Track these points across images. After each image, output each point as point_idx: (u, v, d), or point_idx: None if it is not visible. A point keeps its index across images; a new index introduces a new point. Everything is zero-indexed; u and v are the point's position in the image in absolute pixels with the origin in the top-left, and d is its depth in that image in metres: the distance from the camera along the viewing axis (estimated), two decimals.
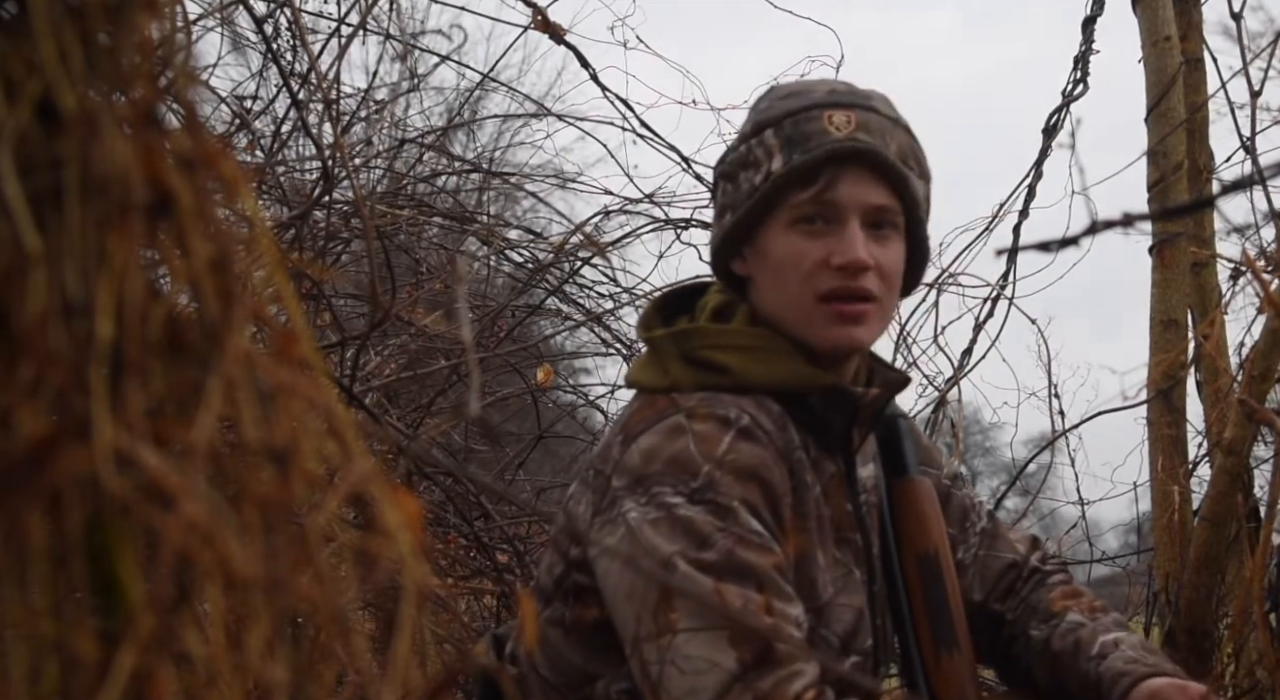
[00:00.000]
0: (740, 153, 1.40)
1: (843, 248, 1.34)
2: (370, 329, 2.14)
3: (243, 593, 0.51)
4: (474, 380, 1.26)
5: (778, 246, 1.37)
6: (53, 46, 0.52)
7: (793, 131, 1.36)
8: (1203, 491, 2.19)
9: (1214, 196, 1.48)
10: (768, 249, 1.38)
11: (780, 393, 1.36)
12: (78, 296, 0.51)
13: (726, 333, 1.39)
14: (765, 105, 1.42)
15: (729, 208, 1.41)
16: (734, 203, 1.40)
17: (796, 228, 1.36)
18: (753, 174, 1.37)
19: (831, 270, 1.35)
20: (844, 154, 1.34)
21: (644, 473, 1.27)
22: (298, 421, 0.54)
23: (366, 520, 0.54)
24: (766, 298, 1.40)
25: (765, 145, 1.37)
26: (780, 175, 1.35)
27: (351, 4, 2.43)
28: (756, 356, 1.36)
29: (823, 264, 1.35)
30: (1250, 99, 2.16)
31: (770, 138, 1.37)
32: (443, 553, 2.86)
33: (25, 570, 0.50)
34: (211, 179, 0.55)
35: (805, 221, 1.36)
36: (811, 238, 1.35)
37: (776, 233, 1.37)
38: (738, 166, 1.40)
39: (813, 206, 1.35)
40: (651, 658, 1.22)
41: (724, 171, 1.43)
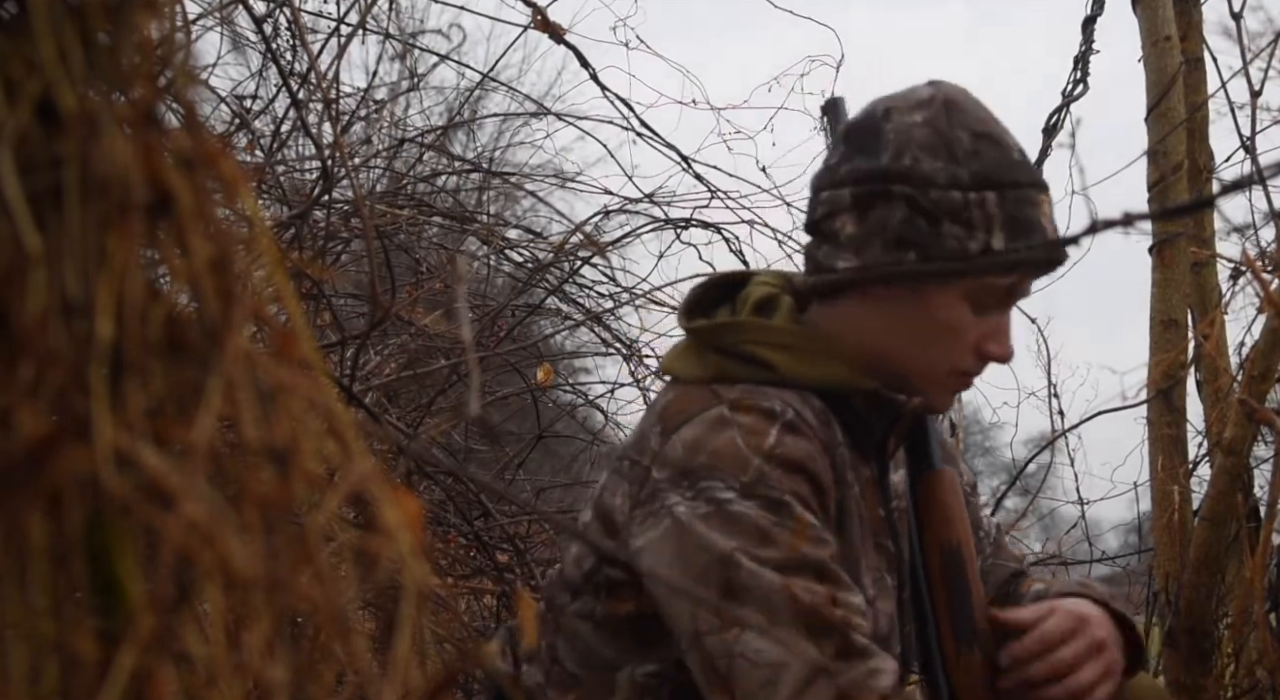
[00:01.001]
0: (952, 200, 1.30)
1: (1003, 341, 1.37)
2: (370, 329, 2.14)
3: (243, 593, 0.51)
4: (474, 380, 1.26)
5: (946, 311, 1.34)
6: (53, 46, 0.52)
7: (1016, 212, 1.31)
8: (1203, 491, 2.19)
9: (1214, 196, 1.48)
10: (933, 307, 1.34)
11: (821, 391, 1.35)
12: (78, 296, 0.51)
13: (771, 330, 1.37)
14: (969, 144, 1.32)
15: (918, 248, 1.31)
16: (928, 249, 1.31)
17: (969, 301, 1.34)
18: (965, 235, 1.30)
19: (978, 355, 1.36)
20: (1055, 262, 1.36)
21: (689, 466, 1.26)
22: (298, 421, 0.54)
23: (366, 520, 0.54)
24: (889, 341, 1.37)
25: (987, 213, 1.30)
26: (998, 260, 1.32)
27: (351, 4, 2.43)
28: (800, 356, 1.35)
29: (975, 346, 1.36)
30: (1250, 99, 2.16)
31: (994, 206, 1.30)
32: (443, 552, 2.86)
33: (25, 570, 0.50)
34: (211, 179, 0.55)
35: (982, 299, 1.34)
36: (975, 315, 1.35)
37: (951, 297, 1.34)
38: (945, 213, 1.30)
39: (999, 292, 1.35)
40: (718, 651, 1.21)
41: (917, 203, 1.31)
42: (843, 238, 1.35)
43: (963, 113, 1.35)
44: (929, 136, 1.32)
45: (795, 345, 1.36)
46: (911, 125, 1.34)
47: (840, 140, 1.41)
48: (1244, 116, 2.18)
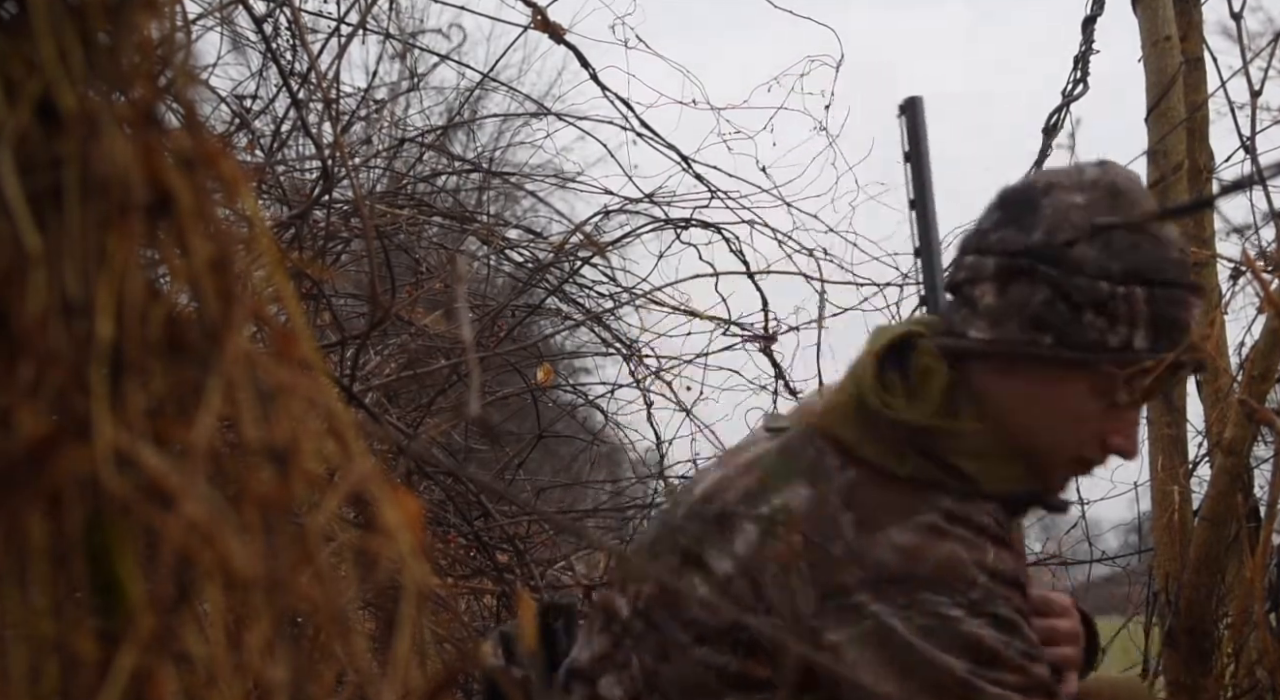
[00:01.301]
0: (1099, 289, 1.28)
1: (1130, 438, 1.36)
2: (370, 329, 2.14)
3: (243, 593, 0.51)
4: (474, 380, 1.26)
5: (1073, 399, 1.33)
6: (53, 46, 0.52)
7: (1164, 312, 1.29)
8: (1203, 491, 2.19)
9: (1214, 197, 1.48)
10: (1063, 394, 1.33)
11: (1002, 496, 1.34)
12: (78, 296, 0.51)
13: (970, 438, 1.33)
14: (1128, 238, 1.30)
15: (1056, 334, 1.30)
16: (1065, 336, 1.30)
17: (1100, 392, 1.32)
18: (1106, 329, 1.29)
19: (1103, 447, 1.35)
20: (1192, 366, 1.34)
21: (905, 574, 1.23)
22: (298, 421, 0.54)
23: (366, 520, 0.54)
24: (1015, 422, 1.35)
25: (1133, 308, 1.28)
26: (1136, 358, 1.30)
27: (351, 3, 2.43)
28: (995, 465, 1.33)
29: (1099, 437, 1.35)
30: (1250, 99, 2.16)
31: (1141, 302, 1.28)
32: (443, 552, 2.86)
33: (25, 570, 0.50)
34: (211, 179, 0.55)
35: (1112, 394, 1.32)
36: (1105, 409, 1.33)
37: (1084, 388, 1.32)
38: (1089, 302, 1.28)
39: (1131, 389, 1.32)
40: None
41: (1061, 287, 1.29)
42: (980, 306, 1.34)
43: (1127, 203, 1.32)
44: (1086, 221, 1.29)
45: (989, 453, 1.33)
46: (1070, 206, 1.31)
47: (995, 206, 1.39)
48: (1244, 116, 2.18)
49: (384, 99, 3.91)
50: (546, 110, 3.60)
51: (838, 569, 1.25)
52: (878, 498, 1.28)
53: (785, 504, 1.30)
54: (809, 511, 1.29)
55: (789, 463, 1.34)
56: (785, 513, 1.29)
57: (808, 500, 1.30)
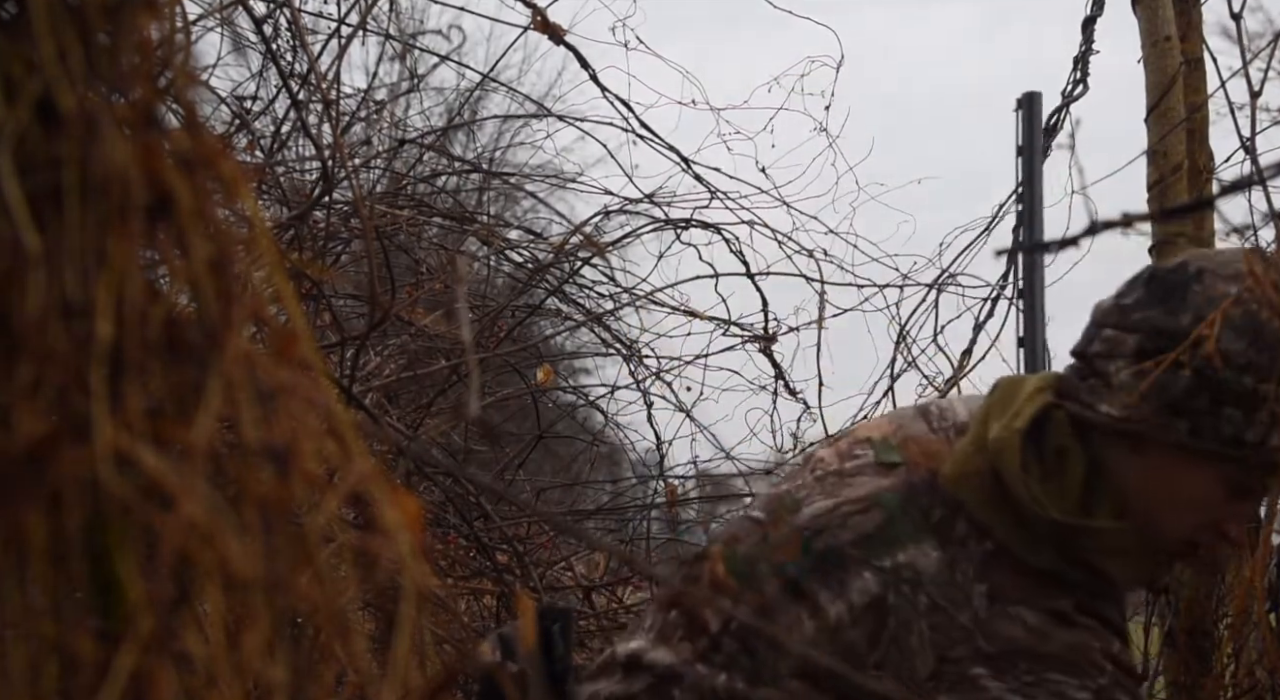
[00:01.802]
0: (1243, 384, 1.25)
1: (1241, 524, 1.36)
2: (370, 329, 2.14)
3: (243, 593, 0.51)
4: (474, 380, 1.26)
5: (1201, 488, 1.32)
6: (52, 46, 0.52)
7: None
8: None
9: (1214, 197, 1.48)
10: (1191, 480, 1.32)
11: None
12: (78, 296, 0.51)
13: (1113, 535, 1.33)
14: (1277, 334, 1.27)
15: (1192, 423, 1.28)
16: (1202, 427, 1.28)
17: (1227, 485, 1.31)
18: (1244, 424, 1.26)
19: (1216, 531, 1.35)
20: None
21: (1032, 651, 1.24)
22: (297, 422, 0.54)
23: (366, 520, 0.54)
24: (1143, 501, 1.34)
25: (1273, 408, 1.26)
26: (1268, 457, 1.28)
27: (351, 4, 2.44)
28: (1128, 563, 1.34)
29: (1217, 523, 1.34)
30: (1250, 99, 2.16)
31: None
32: (442, 553, 2.86)
33: (25, 570, 0.50)
34: (211, 179, 0.55)
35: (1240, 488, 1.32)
36: (1227, 499, 1.32)
37: (1212, 477, 1.31)
38: (1231, 398, 1.26)
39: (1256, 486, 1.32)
40: None
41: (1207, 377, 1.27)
42: (1115, 382, 1.32)
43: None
44: (1239, 314, 1.27)
45: (1129, 550, 1.34)
46: (1223, 295, 1.29)
47: (1142, 283, 1.36)
48: (1244, 117, 2.18)
49: (384, 100, 3.91)
50: (546, 111, 3.61)
51: (963, 638, 1.25)
52: (1012, 578, 1.28)
53: (912, 562, 1.29)
54: (937, 574, 1.28)
55: (915, 517, 1.32)
56: (912, 571, 1.28)
57: (937, 563, 1.28)
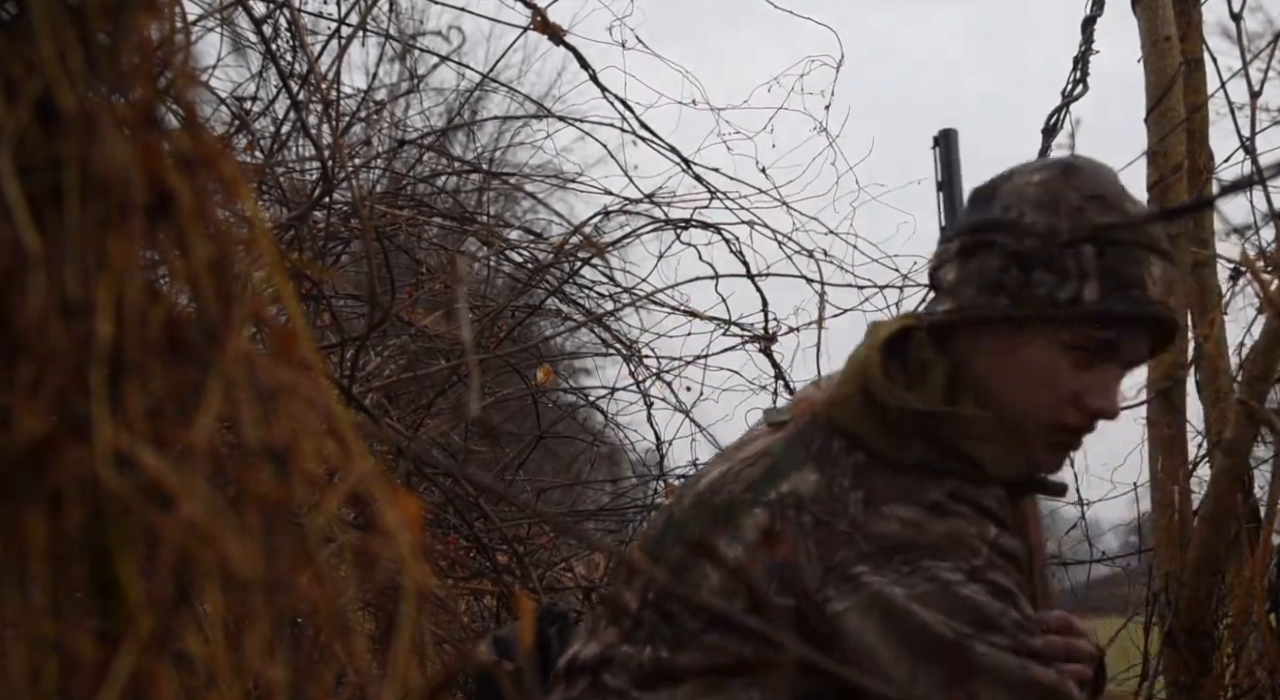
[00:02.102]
0: (1048, 251, 1.33)
1: (1105, 395, 1.36)
2: (369, 329, 2.14)
3: (243, 593, 0.51)
4: (474, 381, 1.26)
5: (1039, 360, 1.35)
6: (52, 46, 0.52)
7: (1114, 266, 1.33)
8: (1203, 491, 2.19)
9: (1214, 197, 1.48)
10: (1026, 355, 1.36)
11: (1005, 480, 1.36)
12: (78, 296, 0.51)
13: (975, 422, 1.36)
14: (1077, 200, 1.35)
15: (1010, 295, 1.35)
16: (1019, 296, 1.34)
17: (1065, 352, 1.35)
18: (1056, 285, 1.33)
19: (1079, 408, 1.36)
20: (1152, 320, 1.35)
21: (908, 543, 1.26)
22: (298, 421, 0.54)
23: (366, 521, 0.54)
24: (995, 388, 1.37)
25: (1081, 264, 1.32)
26: (1086, 312, 1.33)
27: (351, 4, 2.44)
28: (998, 449, 1.35)
29: (1076, 398, 1.36)
30: (1250, 99, 2.16)
31: (1090, 259, 1.32)
32: (442, 553, 2.86)
33: (25, 570, 0.50)
34: (211, 179, 0.55)
35: (1077, 350, 1.35)
36: (1074, 368, 1.35)
37: (1042, 344, 1.35)
38: (1039, 262, 1.33)
39: (1096, 344, 1.35)
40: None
41: (1013, 252, 1.35)
42: (945, 285, 1.40)
43: (1081, 177, 1.37)
44: (1039, 194, 1.36)
45: (991, 437, 1.35)
46: (1027, 184, 1.37)
47: (967, 203, 1.45)
48: (1244, 117, 2.18)
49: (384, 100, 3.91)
50: (546, 111, 3.60)
51: (844, 543, 1.27)
52: (885, 480, 1.30)
53: (794, 489, 1.32)
54: (817, 495, 1.31)
55: (796, 450, 1.37)
56: (795, 496, 1.32)
57: (815, 484, 1.32)
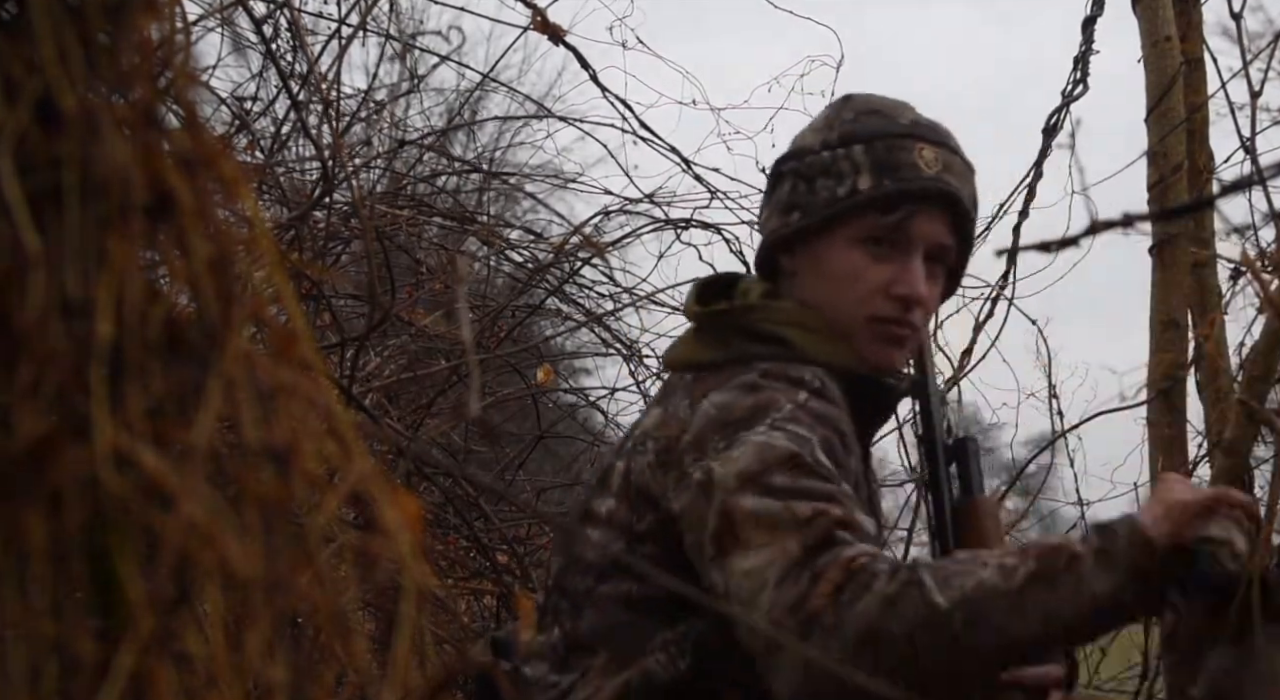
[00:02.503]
0: (822, 159, 1.42)
1: (907, 280, 1.40)
2: (369, 329, 2.14)
3: (243, 593, 0.51)
4: (474, 381, 1.27)
5: (840, 259, 1.41)
6: (53, 46, 0.52)
7: (885, 155, 1.40)
8: None
9: (1214, 196, 1.48)
10: (828, 258, 1.42)
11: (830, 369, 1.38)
12: (78, 296, 0.51)
13: (786, 310, 1.43)
14: (850, 117, 1.45)
15: (799, 208, 1.43)
16: (807, 205, 1.42)
17: (863, 246, 1.41)
18: (835, 185, 1.40)
19: (887, 297, 1.40)
20: (931, 193, 1.41)
21: (721, 422, 1.28)
22: (298, 421, 0.54)
23: (366, 520, 0.54)
24: (813, 298, 1.43)
25: (853, 160, 1.40)
26: (866, 196, 1.39)
27: (351, 4, 2.44)
28: (815, 336, 1.40)
29: (881, 289, 1.40)
30: (1250, 99, 2.16)
31: (860, 154, 1.40)
32: (442, 553, 2.86)
33: (25, 570, 0.50)
34: (211, 179, 0.55)
35: (873, 243, 1.41)
36: (875, 260, 1.41)
37: (841, 245, 1.41)
38: (818, 171, 1.42)
39: (886, 232, 1.40)
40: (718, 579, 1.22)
41: (797, 171, 1.44)
42: (759, 228, 1.51)
43: (856, 100, 1.48)
44: (819, 122, 1.48)
45: (808, 324, 1.41)
46: (812, 120, 1.50)
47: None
48: (1244, 117, 2.18)
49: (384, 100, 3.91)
50: (547, 111, 3.60)
51: (678, 448, 1.31)
52: (706, 383, 1.36)
53: (642, 430, 1.39)
54: (658, 423, 1.37)
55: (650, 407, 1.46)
56: (641, 433, 1.39)
57: (658, 416, 1.38)
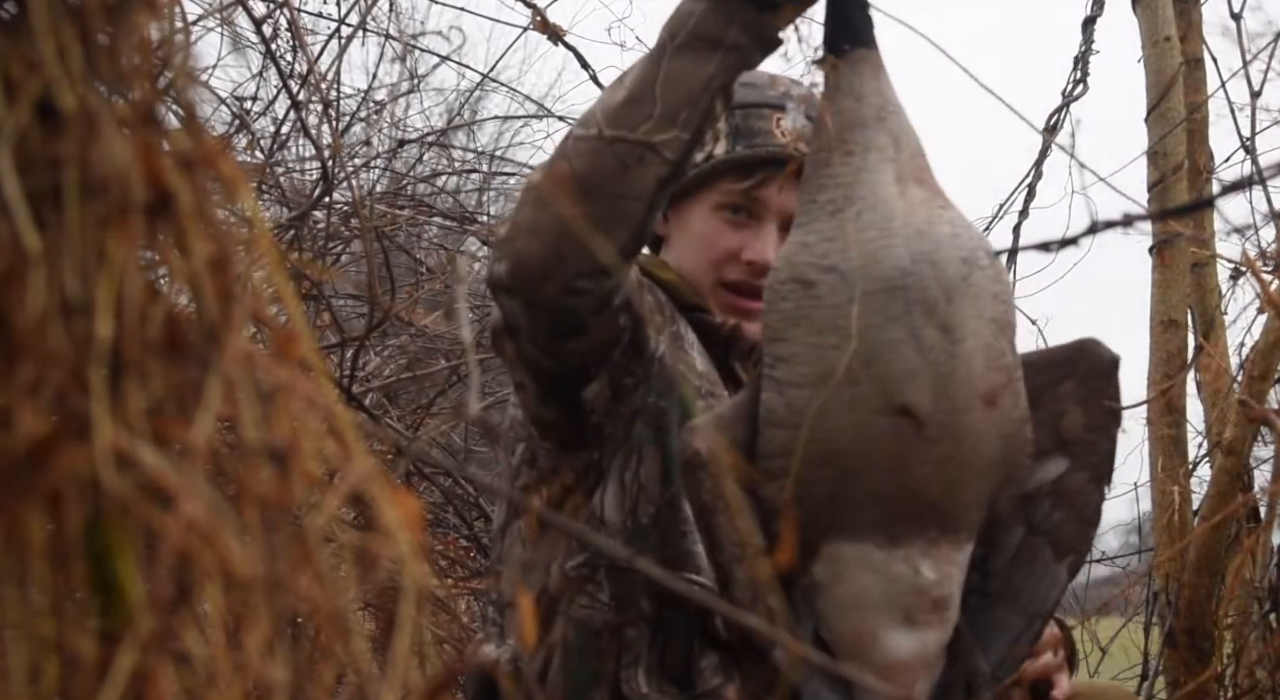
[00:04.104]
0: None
1: (757, 247, 1.45)
2: (369, 329, 2.14)
3: (243, 593, 0.51)
4: (474, 381, 1.28)
5: (698, 224, 1.47)
6: (52, 46, 0.52)
7: (741, 123, 1.45)
8: (1203, 491, 2.19)
9: (1214, 197, 1.48)
10: (689, 221, 1.48)
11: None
12: (78, 296, 0.51)
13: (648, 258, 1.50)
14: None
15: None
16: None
17: (720, 213, 1.46)
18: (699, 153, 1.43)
19: (740, 263, 1.46)
20: (781, 160, 1.43)
21: None
22: (298, 421, 0.54)
23: (366, 520, 0.54)
24: (677, 261, 1.49)
25: (716, 129, 1.43)
26: (720, 161, 1.45)
27: (351, 4, 2.44)
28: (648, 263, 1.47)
29: (734, 254, 1.46)
30: (1250, 99, 2.16)
31: (721, 124, 1.43)
32: (442, 553, 2.86)
33: (25, 570, 0.50)
34: (211, 179, 0.55)
35: (729, 210, 1.46)
36: (731, 227, 1.47)
37: (701, 210, 1.47)
38: None
39: (740, 198, 1.45)
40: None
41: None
42: None
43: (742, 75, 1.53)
44: None
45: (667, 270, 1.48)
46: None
47: None
48: (1244, 117, 2.18)
49: (384, 100, 3.90)
50: (547, 111, 3.60)
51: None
52: None
53: None
54: None
55: None
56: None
57: None
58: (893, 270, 1.09)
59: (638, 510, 1.34)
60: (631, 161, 1.17)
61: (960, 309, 1.10)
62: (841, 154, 1.14)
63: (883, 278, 1.09)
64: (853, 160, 1.14)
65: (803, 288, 1.12)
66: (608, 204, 1.17)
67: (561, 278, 1.20)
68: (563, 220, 1.18)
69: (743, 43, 1.17)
